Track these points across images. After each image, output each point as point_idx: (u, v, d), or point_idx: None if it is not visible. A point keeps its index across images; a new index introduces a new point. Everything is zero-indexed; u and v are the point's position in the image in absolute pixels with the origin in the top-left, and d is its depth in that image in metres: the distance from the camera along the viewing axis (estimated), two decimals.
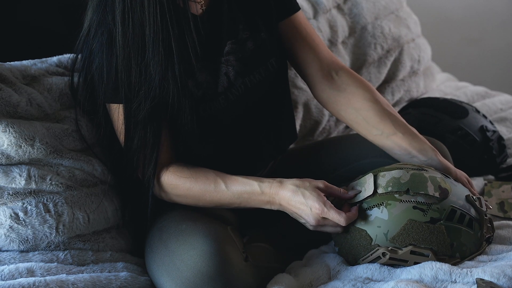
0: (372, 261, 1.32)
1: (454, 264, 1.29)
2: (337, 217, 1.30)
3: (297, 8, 1.53)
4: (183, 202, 1.42)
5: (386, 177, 1.33)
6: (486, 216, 1.36)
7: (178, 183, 1.39)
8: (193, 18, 1.35)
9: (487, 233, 1.36)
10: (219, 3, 1.43)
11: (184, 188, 1.39)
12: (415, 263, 1.29)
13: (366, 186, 1.34)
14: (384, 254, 1.30)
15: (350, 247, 1.34)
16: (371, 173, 1.36)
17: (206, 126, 1.42)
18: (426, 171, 1.35)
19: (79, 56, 1.43)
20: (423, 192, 1.30)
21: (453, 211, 1.30)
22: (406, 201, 1.30)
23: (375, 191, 1.32)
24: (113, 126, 1.42)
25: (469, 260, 1.31)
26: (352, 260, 1.35)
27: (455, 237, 1.29)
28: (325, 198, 1.32)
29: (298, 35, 1.53)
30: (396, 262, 1.30)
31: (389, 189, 1.32)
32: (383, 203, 1.31)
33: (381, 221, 1.30)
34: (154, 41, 1.31)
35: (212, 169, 1.40)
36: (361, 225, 1.32)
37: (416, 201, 1.30)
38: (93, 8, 1.36)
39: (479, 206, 1.34)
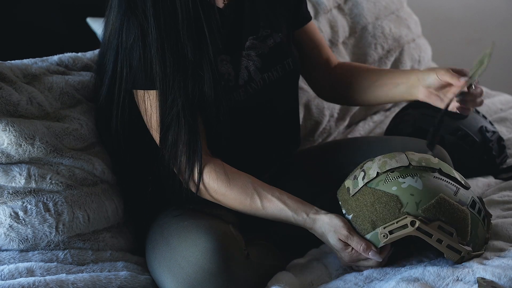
0: (394, 231, 1.28)
1: (467, 255, 1.29)
2: (359, 246, 1.30)
3: (309, 17, 1.61)
4: (219, 203, 1.41)
5: (416, 155, 1.33)
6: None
7: (214, 186, 1.38)
8: (217, 10, 1.39)
9: (489, 236, 1.37)
10: None
11: (220, 193, 1.38)
12: (438, 240, 1.26)
13: (398, 159, 1.32)
14: (413, 223, 1.26)
15: (371, 212, 1.30)
16: (401, 152, 1.35)
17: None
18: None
19: (107, 52, 1.42)
20: (453, 176, 1.32)
21: (474, 203, 1.31)
22: (439, 177, 1.30)
23: (409, 164, 1.32)
24: (141, 118, 1.41)
25: (468, 261, 1.31)
26: (369, 227, 1.30)
27: (474, 225, 1.30)
28: (349, 248, 1.32)
29: (310, 42, 1.61)
30: (420, 235, 1.26)
31: (423, 163, 1.31)
32: (417, 174, 1.30)
33: (415, 189, 1.28)
34: (187, 28, 1.34)
35: (249, 176, 1.39)
36: (391, 191, 1.29)
37: (447, 181, 1.30)
38: (117, 5, 1.37)
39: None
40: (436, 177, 1.30)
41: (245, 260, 1.35)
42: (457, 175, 1.33)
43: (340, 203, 1.37)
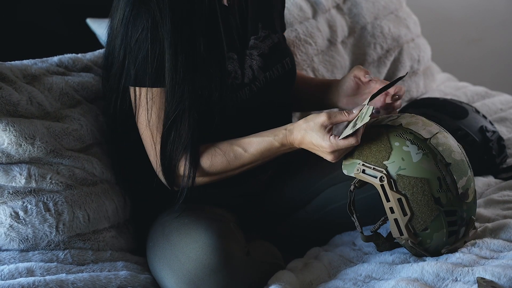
0: (367, 172, 1.31)
1: (410, 239, 1.30)
2: (347, 143, 1.29)
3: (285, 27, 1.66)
4: (208, 180, 1.42)
5: (443, 142, 1.33)
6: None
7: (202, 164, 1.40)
8: (225, 9, 1.42)
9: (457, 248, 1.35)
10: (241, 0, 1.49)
11: (206, 166, 1.40)
12: (391, 209, 1.29)
13: (426, 130, 1.33)
14: (381, 179, 1.30)
15: (367, 145, 1.33)
16: (442, 130, 1.36)
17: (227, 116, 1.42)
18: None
19: (114, 42, 1.40)
20: (454, 178, 1.31)
21: (452, 213, 1.31)
22: (439, 168, 1.30)
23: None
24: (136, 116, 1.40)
25: (420, 255, 1.34)
26: (356, 154, 1.34)
27: (434, 227, 1.30)
28: (330, 134, 1.30)
29: None
30: (381, 192, 1.30)
31: (440, 149, 1.32)
32: (425, 149, 1.31)
33: (409, 158, 1.30)
34: (202, 23, 1.35)
35: (221, 141, 1.41)
36: (392, 143, 1.31)
37: (443, 175, 1.30)
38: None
39: (471, 228, 1.35)
40: (438, 166, 1.30)
41: (246, 256, 1.35)
42: (463, 181, 1.32)
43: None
